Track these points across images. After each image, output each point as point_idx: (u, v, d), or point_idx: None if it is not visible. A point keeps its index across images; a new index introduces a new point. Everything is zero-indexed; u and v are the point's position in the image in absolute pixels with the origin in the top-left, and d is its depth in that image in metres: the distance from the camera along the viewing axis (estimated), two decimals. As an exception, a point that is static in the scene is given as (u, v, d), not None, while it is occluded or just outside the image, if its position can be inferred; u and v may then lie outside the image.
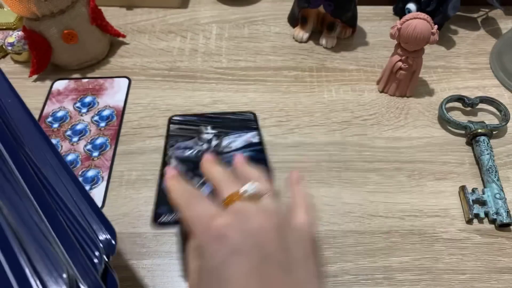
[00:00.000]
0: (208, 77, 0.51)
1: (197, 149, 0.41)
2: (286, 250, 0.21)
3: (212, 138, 0.42)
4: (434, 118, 0.47)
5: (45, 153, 0.22)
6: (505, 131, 0.46)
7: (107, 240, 0.21)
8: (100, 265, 0.20)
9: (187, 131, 0.44)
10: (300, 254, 0.21)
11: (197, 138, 0.42)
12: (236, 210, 0.22)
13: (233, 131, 0.43)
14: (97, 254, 0.20)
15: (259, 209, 0.22)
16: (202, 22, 0.58)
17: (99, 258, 0.20)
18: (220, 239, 0.20)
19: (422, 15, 0.42)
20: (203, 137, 0.42)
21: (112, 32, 0.53)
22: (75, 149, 0.44)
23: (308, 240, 0.23)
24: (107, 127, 0.46)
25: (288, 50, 0.54)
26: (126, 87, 0.50)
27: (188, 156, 0.41)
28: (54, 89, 0.49)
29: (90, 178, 0.42)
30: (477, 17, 0.59)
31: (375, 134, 0.45)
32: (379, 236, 0.38)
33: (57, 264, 0.17)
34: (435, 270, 0.36)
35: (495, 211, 0.38)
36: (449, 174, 0.42)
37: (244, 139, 0.42)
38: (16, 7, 0.44)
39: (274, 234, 0.21)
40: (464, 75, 0.51)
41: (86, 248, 0.20)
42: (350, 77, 0.51)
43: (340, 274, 0.36)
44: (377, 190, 0.41)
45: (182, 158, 0.41)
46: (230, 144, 0.41)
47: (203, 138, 0.41)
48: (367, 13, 0.59)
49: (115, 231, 0.21)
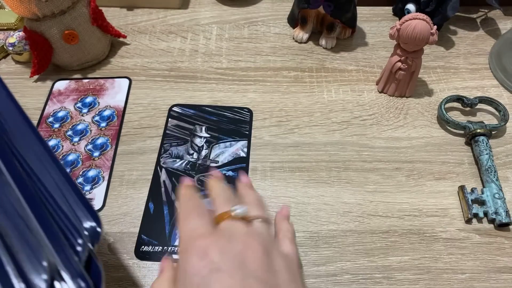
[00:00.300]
0: (208, 77, 0.51)
1: (187, 160, 0.42)
2: (272, 272, 0.21)
3: (203, 145, 0.43)
4: (433, 118, 0.47)
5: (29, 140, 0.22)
6: (504, 131, 0.46)
7: (92, 228, 0.21)
8: (83, 253, 0.20)
9: (182, 130, 0.45)
10: (286, 277, 0.21)
11: (189, 143, 0.43)
12: (223, 229, 0.22)
13: (225, 137, 0.44)
14: (81, 241, 0.20)
15: (248, 230, 0.22)
16: (203, 22, 0.58)
17: (83, 246, 0.20)
18: (201, 257, 0.20)
19: (421, 16, 0.42)
20: (195, 142, 0.43)
21: (112, 32, 0.53)
22: (76, 149, 0.44)
23: (295, 267, 0.23)
24: (107, 127, 0.46)
25: (288, 51, 0.54)
26: (127, 87, 0.50)
27: (177, 168, 0.42)
28: (55, 90, 0.50)
29: (91, 178, 0.42)
30: (476, 18, 0.59)
31: (375, 134, 0.46)
32: (378, 235, 0.38)
33: (37, 252, 0.17)
34: (434, 269, 0.36)
35: (494, 210, 0.38)
36: (448, 174, 0.42)
37: (233, 151, 0.43)
38: (17, 7, 0.44)
39: (260, 254, 0.21)
40: (463, 75, 0.51)
41: (69, 235, 0.20)
42: (350, 78, 0.51)
43: (339, 273, 0.36)
44: (377, 190, 0.41)
45: (171, 169, 0.42)
46: (217, 157, 0.43)
47: (195, 143, 0.43)
48: (367, 13, 0.59)
49: (100, 218, 0.21)
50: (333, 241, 0.38)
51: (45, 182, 0.21)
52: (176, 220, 0.25)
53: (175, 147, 0.44)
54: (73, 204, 0.21)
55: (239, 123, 0.46)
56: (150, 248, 0.37)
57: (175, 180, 0.41)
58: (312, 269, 0.36)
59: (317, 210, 0.40)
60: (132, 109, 0.48)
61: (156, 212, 0.39)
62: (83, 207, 0.21)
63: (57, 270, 0.18)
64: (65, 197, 0.21)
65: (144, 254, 0.36)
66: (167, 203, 0.39)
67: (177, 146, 0.44)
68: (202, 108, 0.47)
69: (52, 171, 0.21)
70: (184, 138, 0.44)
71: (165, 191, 0.40)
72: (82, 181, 0.42)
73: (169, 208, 0.39)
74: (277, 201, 0.40)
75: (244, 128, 0.46)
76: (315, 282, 0.35)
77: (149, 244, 0.37)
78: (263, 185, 0.41)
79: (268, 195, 0.41)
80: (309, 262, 0.37)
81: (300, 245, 0.38)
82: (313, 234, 0.38)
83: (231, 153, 0.43)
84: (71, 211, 0.21)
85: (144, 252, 0.37)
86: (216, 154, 0.43)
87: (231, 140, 0.44)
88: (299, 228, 0.39)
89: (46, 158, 0.22)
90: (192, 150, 0.43)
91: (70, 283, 0.18)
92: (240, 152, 0.43)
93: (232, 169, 0.42)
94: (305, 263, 0.37)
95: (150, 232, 0.38)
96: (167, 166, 0.42)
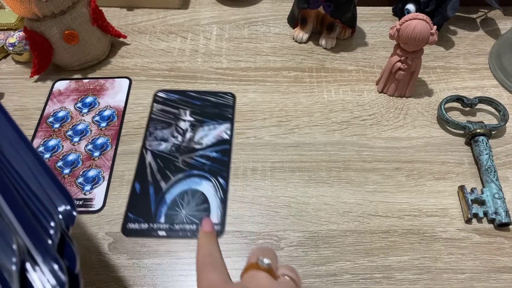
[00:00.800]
0: (208, 77, 0.51)
1: (172, 142, 0.44)
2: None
3: (188, 128, 0.45)
4: (433, 118, 0.47)
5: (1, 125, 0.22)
6: (504, 131, 0.46)
7: (67, 211, 0.21)
8: (56, 235, 0.20)
9: (167, 114, 0.46)
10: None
11: (174, 126, 0.45)
12: (245, 278, 0.23)
13: (209, 120, 0.46)
14: (53, 224, 0.20)
15: (267, 282, 0.23)
16: (203, 23, 0.58)
17: (55, 229, 0.20)
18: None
19: (421, 16, 0.42)
20: (179, 126, 0.44)
21: (113, 32, 0.53)
22: (76, 149, 0.44)
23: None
24: (108, 127, 0.46)
25: (288, 51, 0.54)
26: (127, 87, 0.50)
27: (163, 150, 0.43)
28: (55, 90, 0.50)
29: (91, 178, 0.42)
30: (476, 18, 0.59)
31: (375, 134, 0.46)
32: (378, 235, 0.38)
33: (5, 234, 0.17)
34: (434, 269, 0.36)
35: (494, 210, 0.38)
36: (448, 174, 0.42)
37: (216, 133, 0.45)
38: (17, 7, 0.44)
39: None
40: (463, 76, 0.51)
41: (42, 219, 0.20)
42: (350, 78, 0.51)
43: (339, 273, 0.36)
44: (376, 190, 0.41)
45: (157, 151, 0.43)
46: (202, 139, 0.44)
47: (179, 127, 0.44)
48: (367, 13, 0.59)
49: (74, 202, 0.21)
50: (333, 241, 0.38)
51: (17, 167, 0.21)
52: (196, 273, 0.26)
53: (160, 130, 0.45)
54: (47, 189, 0.21)
55: (222, 107, 0.47)
56: (137, 225, 0.38)
57: (160, 162, 0.42)
58: (312, 269, 0.36)
59: (317, 210, 0.40)
60: (132, 109, 0.48)
61: (142, 192, 0.40)
62: (58, 191, 0.21)
63: (28, 252, 0.18)
64: (39, 181, 0.21)
65: (131, 231, 0.38)
66: (153, 183, 0.41)
67: (162, 130, 0.45)
68: (187, 93, 0.49)
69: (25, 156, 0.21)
70: (169, 122, 0.46)
71: (151, 172, 0.42)
72: (82, 181, 0.42)
73: (154, 188, 0.41)
74: (277, 201, 0.40)
75: (228, 111, 0.47)
76: (315, 282, 0.35)
77: (135, 221, 0.38)
78: (263, 185, 0.41)
79: (268, 195, 0.41)
80: (309, 262, 0.37)
81: (300, 245, 0.38)
82: (313, 234, 0.38)
83: (215, 135, 0.45)
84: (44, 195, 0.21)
85: (131, 230, 0.38)
86: (200, 137, 0.44)
87: (214, 123, 0.46)
88: (299, 228, 0.39)
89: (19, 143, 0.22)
90: (177, 133, 0.44)
91: (42, 265, 0.18)
92: (223, 134, 0.45)
93: (216, 151, 0.43)
94: (305, 263, 0.37)
95: (136, 210, 0.39)
96: (153, 149, 0.43)
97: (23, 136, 0.22)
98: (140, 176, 0.42)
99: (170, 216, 0.39)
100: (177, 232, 0.38)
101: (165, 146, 0.43)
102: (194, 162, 0.42)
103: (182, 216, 0.39)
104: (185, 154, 0.43)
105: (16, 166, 0.21)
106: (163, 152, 0.43)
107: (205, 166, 0.42)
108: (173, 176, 0.41)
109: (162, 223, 0.38)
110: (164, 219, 0.38)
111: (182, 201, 0.40)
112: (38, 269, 0.18)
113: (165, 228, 0.38)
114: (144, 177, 0.41)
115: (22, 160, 0.21)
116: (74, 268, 0.20)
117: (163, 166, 0.42)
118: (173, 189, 0.40)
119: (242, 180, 0.42)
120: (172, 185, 0.41)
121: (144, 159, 0.43)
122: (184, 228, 0.38)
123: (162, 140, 0.44)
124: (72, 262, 0.20)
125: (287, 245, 0.38)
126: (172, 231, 0.38)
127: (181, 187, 0.40)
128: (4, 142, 0.21)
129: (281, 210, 0.40)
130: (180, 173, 0.42)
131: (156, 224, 0.38)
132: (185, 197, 0.40)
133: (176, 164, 0.42)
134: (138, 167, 0.42)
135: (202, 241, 0.27)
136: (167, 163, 0.42)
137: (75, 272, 0.19)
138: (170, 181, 0.41)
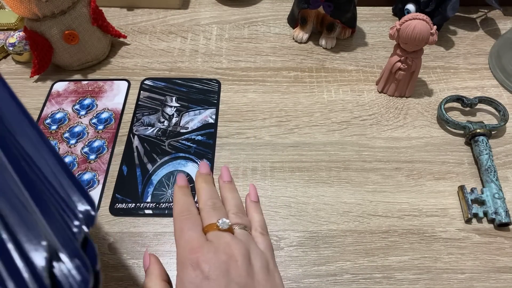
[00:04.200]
0: (208, 77, 0.51)
1: (158, 127, 0.45)
2: (251, 275, 0.25)
3: (174, 113, 0.46)
4: (433, 118, 0.47)
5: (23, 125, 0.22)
6: (503, 131, 0.46)
7: (87, 211, 0.21)
8: (80, 234, 0.20)
9: (154, 101, 0.48)
10: (262, 277, 0.26)
11: (160, 112, 0.46)
12: (211, 239, 0.27)
13: (195, 106, 0.47)
14: (77, 223, 0.20)
15: (230, 240, 0.26)
16: (203, 23, 0.58)
17: (79, 228, 0.20)
18: (194, 268, 0.25)
19: (421, 16, 0.42)
20: (166, 112, 0.46)
21: (113, 32, 0.53)
22: (72, 152, 0.44)
23: (270, 263, 0.27)
24: (104, 130, 0.46)
25: (288, 51, 0.54)
26: (125, 90, 0.50)
27: (149, 134, 0.45)
28: (54, 91, 0.50)
29: (86, 181, 0.42)
30: (476, 18, 0.59)
31: (374, 134, 0.46)
32: (378, 235, 0.38)
33: (36, 232, 0.18)
34: (434, 269, 0.36)
35: (494, 210, 0.38)
36: (448, 174, 0.42)
37: (202, 118, 0.46)
38: (17, 7, 0.44)
39: (240, 263, 0.25)
40: (463, 76, 0.51)
41: (66, 218, 0.20)
42: (350, 78, 0.51)
43: (339, 273, 0.36)
44: (376, 190, 0.41)
45: (143, 135, 0.45)
46: (187, 124, 0.45)
47: (165, 112, 0.46)
48: (367, 13, 0.59)
49: (94, 202, 0.22)
50: (333, 241, 0.38)
51: (41, 167, 0.21)
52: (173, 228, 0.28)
53: (147, 116, 0.46)
54: (68, 189, 0.21)
55: (207, 93, 0.49)
56: (124, 205, 0.40)
57: (146, 145, 0.44)
58: (312, 269, 0.36)
59: (317, 210, 0.40)
60: (130, 111, 0.48)
61: (129, 174, 0.42)
62: (77, 191, 0.22)
63: (55, 250, 0.18)
64: (60, 181, 0.21)
65: (119, 210, 0.40)
66: (140, 165, 0.42)
67: (148, 115, 0.46)
68: (173, 81, 0.50)
69: (46, 155, 0.22)
70: (155, 108, 0.47)
71: (138, 155, 0.43)
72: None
73: (141, 170, 0.42)
74: (277, 201, 0.40)
75: (213, 97, 0.48)
76: (315, 282, 0.35)
77: (123, 201, 0.40)
78: (263, 185, 0.41)
79: (268, 195, 0.41)
80: (309, 262, 0.37)
81: (300, 245, 0.38)
82: (313, 234, 0.38)
83: (200, 120, 0.46)
84: (66, 195, 0.21)
85: (119, 209, 0.40)
86: (186, 121, 0.46)
87: (200, 109, 0.47)
88: (299, 228, 0.39)
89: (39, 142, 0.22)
90: (163, 118, 0.46)
91: (68, 263, 0.18)
92: (208, 119, 0.46)
93: (201, 134, 0.45)
94: (305, 263, 0.37)
95: (124, 191, 0.41)
96: (139, 133, 0.45)
97: (43, 135, 0.22)
98: (127, 159, 0.43)
99: (156, 196, 0.40)
100: (163, 210, 0.39)
101: (151, 131, 0.45)
102: (180, 145, 0.44)
103: (168, 196, 0.40)
104: (171, 138, 0.44)
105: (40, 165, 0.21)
106: (149, 136, 0.45)
107: (190, 149, 0.44)
108: (160, 158, 0.43)
109: (149, 202, 0.40)
110: (151, 199, 0.40)
111: (168, 181, 0.41)
112: (63, 266, 0.18)
113: (151, 207, 0.40)
114: (131, 160, 0.43)
115: (44, 160, 0.22)
116: (96, 265, 0.20)
117: (149, 149, 0.44)
118: (159, 171, 0.42)
119: (242, 180, 0.42)
120: (159, 167, 0.42)
121: (131, 143, 0.44)
122: (170, 206, 0.39)
123: (149, 125, 0.45)
124: (94, 260, 0.20)
125: (287, 245, 0.38)
126: (158, 209, 0.39)
127: (167, 169, 0.42)
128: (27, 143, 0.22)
129: (281, 210, 0.40)
130: (166, 155, 0.43)
131: (143, 203, 0.40)
132: (171, 178, 0.41)
133: (162, 147, 0.44)
134: (125, 151, 0.44)
135: (178, 195, 0.29)
136: (153, 147, 0.44)
137: (96, 269, 0.20)
138: (157, 163, 0.42)
